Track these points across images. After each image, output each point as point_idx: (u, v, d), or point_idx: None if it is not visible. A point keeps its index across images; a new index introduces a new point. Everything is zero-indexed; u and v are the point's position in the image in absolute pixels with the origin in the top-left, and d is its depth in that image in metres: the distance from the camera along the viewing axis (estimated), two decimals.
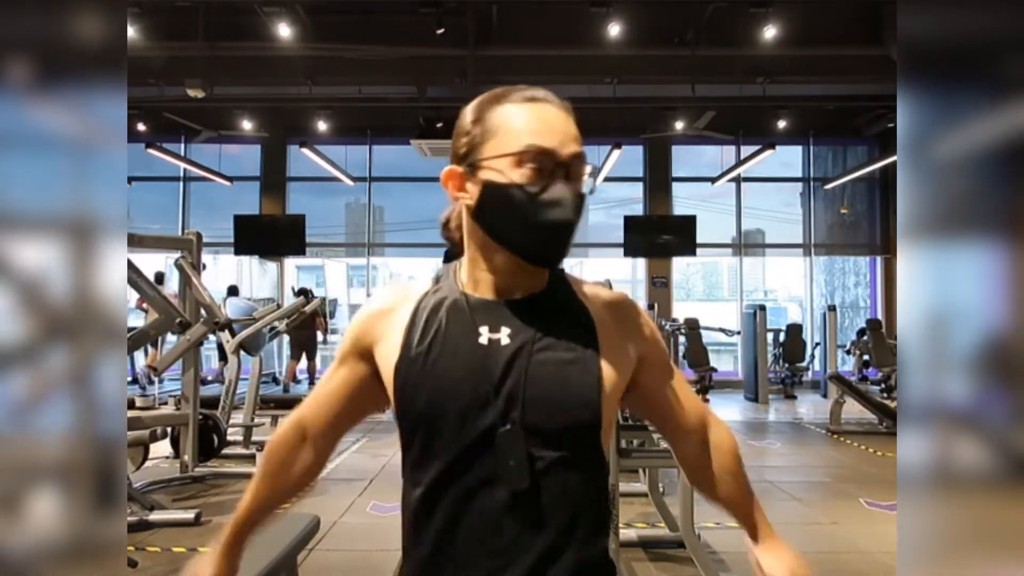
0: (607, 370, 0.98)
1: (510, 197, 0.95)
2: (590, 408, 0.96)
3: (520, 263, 0.99)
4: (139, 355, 9.44)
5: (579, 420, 0.96)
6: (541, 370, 0.96)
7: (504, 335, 0.98)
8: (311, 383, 9.97)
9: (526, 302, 1.01)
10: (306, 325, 8.97)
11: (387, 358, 1.01)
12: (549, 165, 0.95)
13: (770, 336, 10.47)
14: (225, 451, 5.41)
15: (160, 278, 8.37)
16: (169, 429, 5.06)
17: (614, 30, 7.87)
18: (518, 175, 0.95)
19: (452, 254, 1.12)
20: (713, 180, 11.11)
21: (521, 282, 1.01)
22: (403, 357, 0.99)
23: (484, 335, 0.98)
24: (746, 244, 12.06)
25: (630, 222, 11.04)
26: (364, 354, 1.06)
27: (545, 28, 8.64)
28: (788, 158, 11.95)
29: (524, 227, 0.95)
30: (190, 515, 4.08)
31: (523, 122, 0.96)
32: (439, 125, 8.47)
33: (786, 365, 10.62)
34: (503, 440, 0.93)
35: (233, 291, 10.04)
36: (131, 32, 7.78)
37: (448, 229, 1.11)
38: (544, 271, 1.03)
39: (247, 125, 10.56)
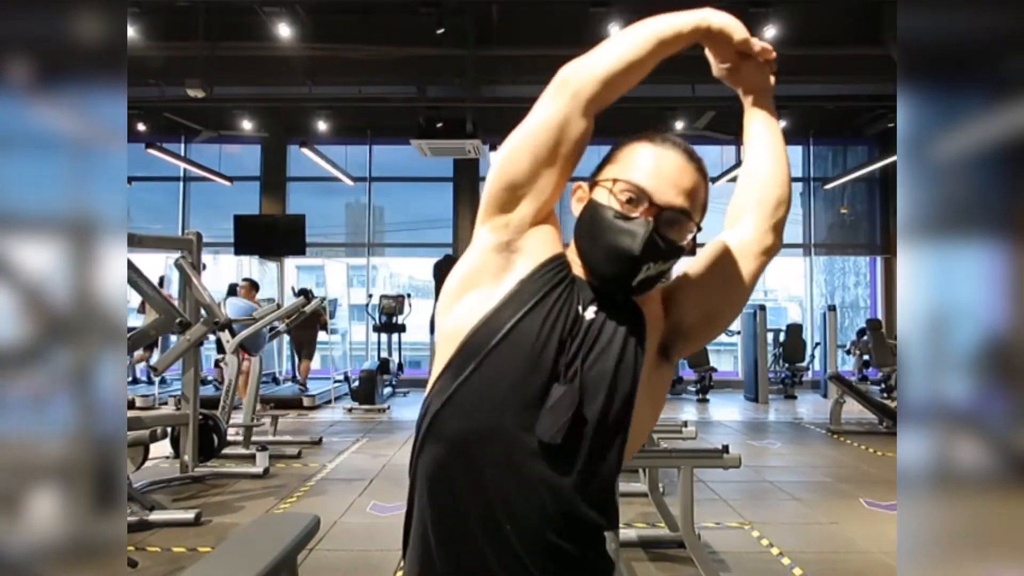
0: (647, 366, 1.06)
1: (595, 214, 1.05)
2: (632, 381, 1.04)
3: (586, 272, 1.08)
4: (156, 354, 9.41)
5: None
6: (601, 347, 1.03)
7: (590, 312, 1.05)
8: (303, 385, 9.93)
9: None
10: (307, 325, 8.96)
11: (512, 266, 1.06)
12: (643, 203, 1.03)
13: (770, 336, 10.47)
14: (225, 451, 5.41)
15: (162, 282, 8.36)
16: (169, 429, 5.06)
17: (614, 30, 7.88)
18: (615, 200, 1.04)
19: (451, 256, 1.13)
20: (713, 180, 11.07)
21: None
22: (517, 290, 1.04)
23: (582, 308, 1.05)
24: None
25: None
26: (520, 230, 1.07)
27: (545, 28, 8.64)
28: (788, 158, 11.93)
29: (596, 243, 1.05)
30: (190, 515, 4.08)
31: (642, 160, 1.06)
32: (439, 125, 8.47)
33: (786, 365, 10.62)
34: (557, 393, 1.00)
35: (233, 291, 10.04)
36: (131, 32, 7.78)
37: None
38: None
39: (247, 125, 10.56)
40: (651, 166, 1.04)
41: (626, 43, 1.04)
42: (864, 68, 8.76)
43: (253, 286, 9.15)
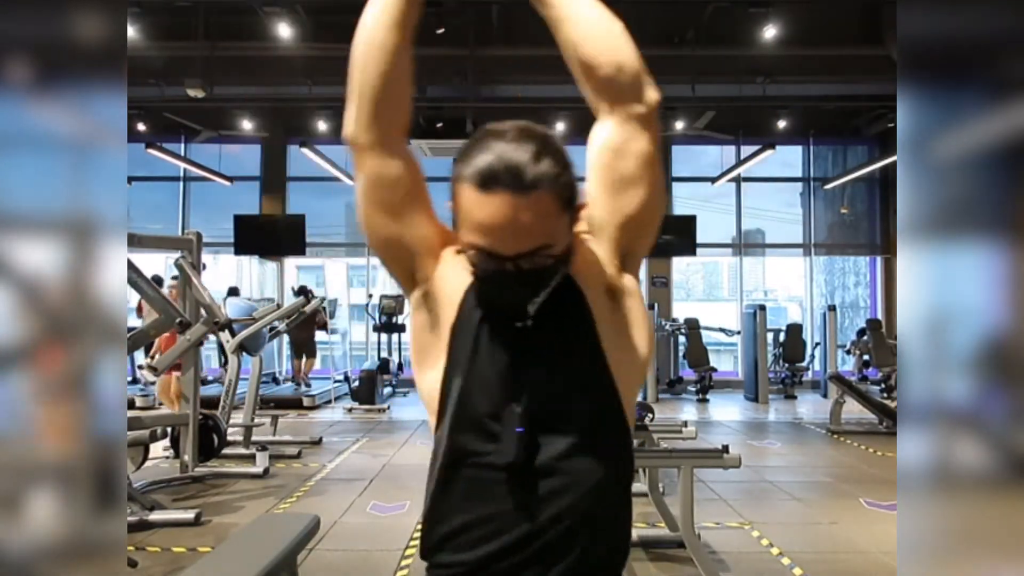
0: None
1: (472, 264, 0.99)
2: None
3: None
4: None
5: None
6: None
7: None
8: (306, 384, 9.95)
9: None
10: (307, 325, 8.96)
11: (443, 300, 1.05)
12: (494, 264, 0.96)
13: (770, 336, 10.46)
14: (225, 451, 5.41)
15: (160, 281, 8.33)
16: (169, 429, 5.06)
17: None
18: (472, 256, 0.97)
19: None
20: (713, 180, 11.11)
21: None
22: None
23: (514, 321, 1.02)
24: (746, 244, 12.06)
25: None
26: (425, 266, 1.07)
27: (545, 28, 8.59)
28: (788, 158, 11.94)
29: (479, 292, 1.02)
30: (190, 515, 4.08)
31: (473, 215, 0.94)
32: (439, 125, 8.47)
33: (786, 365, 10.62)
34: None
35: (234, 292, 10.04)
36: (131, 32, 7.78)
37: None
38: None
39: (247, 125, 10.56)
40: (482, 223, 0.93)
41: (364, 48, 1.01)
42: (864, 68, 8.76)
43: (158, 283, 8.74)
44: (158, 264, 9.28)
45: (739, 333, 10.68)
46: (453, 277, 1.04)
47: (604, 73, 1.00)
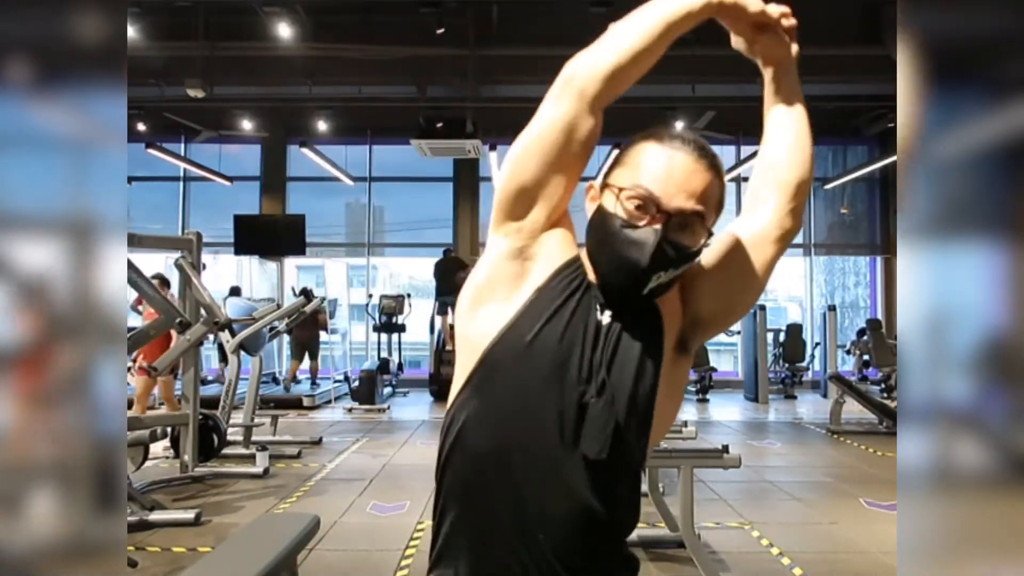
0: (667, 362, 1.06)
1: (603, 222, 1.03)
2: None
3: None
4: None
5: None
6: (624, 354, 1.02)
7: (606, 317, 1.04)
8: (313, 383, 9.96)
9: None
10: (308, 325, 8.96)
11: (530, 271, 1.05)
12: (652, 210, 0.99)
13: (770, 336, 10.47)
14: (225, 451, 5.41)
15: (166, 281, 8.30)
16: (169, 429, 5.06)
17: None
18: (622, 208, 1.01)
19: (450, 250, 1.13)
20: None
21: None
22: (535, 298, 1.03)
23: (598, 313, 1.04)
24: None
25: None
26: (533, 235, 1.06)
27: (545, 28, 8.64)
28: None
29: (604, 254, 1.03)
30: (190, 515, 4.08)
31: (649, 162, 1.01)
32: (439, 125, 8.47)
33: (786, 365, 10.63)
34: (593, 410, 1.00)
35: (236, 291, 10.04)
36: (131, 32, 7.78)
37: None
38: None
39: (247, 125, 10.56)
40: (659, 169, 1.00)
41: (632, 32, 1.00)
42: (864, 68, 8.75)
43: (164, 283, 8.38)
44: (158, 264, 9.28)
45: (739, 333, 10.68)
46: (557, 248, 1.06)
47: (791, 183, 1.11)
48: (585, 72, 1.01)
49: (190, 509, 4.18)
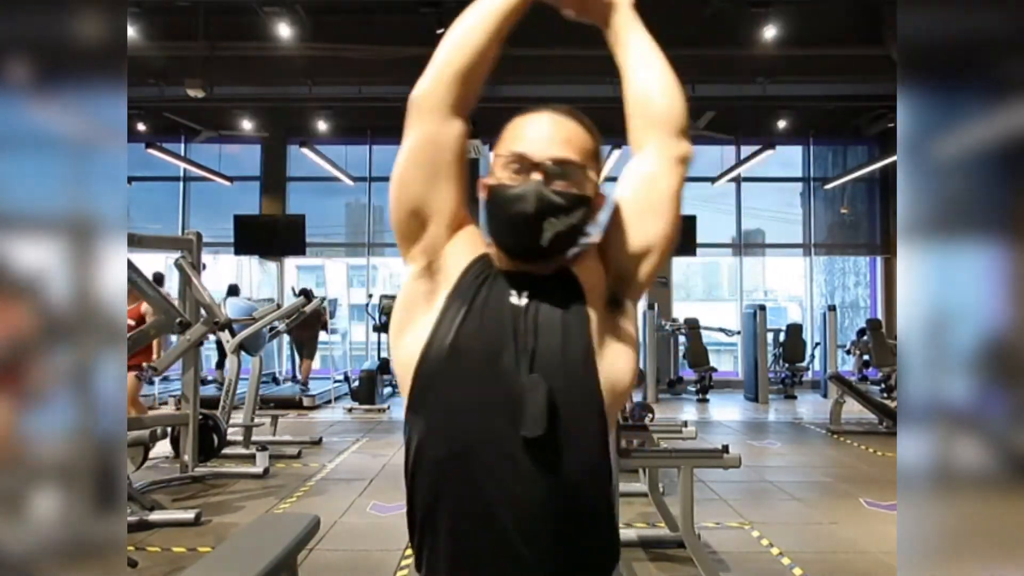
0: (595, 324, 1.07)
1: (491, 196, 1.06)
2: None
3: (508, 258, 1.08)
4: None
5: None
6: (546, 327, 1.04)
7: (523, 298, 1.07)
8: (303, 384, 9.91)
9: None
10: (308, 325, 8.95)
11: (444, 272, 1.08)
12: (526, 167, 1.03)
13: (770, 336, 10.47)
14: (225, 451, 5.41)
15: (160, 279, 8.33)
16: (169, 429, 5.06)
17: None
18: (505, 178, 1.05)
19: None
20: (713, 180, 11.11)
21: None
22: (452, 296, 1.06)
23: (513, 297, 1.06)
24: (746, 244, 12.06)
25: None
26: (436, 244, 1.09)
27: (545, 28, 8.63)
28: (788, 158, 11.94)
29: (498, 222, 1.06)
30: (190, 515, 4.08)
31: (518, 130, 1.07)
32: None
33: (786, 365, 10.62)
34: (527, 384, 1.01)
35: (233, 291, 10.03)
36: (131, 32, 7.78)
37: None
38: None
39: (247, 125, 10.57)
40: (525, 130, 1.06)
41: (463, 32, 1.07)
42: (864, 68, 8.75)
43: (158, 281, 7.87)
44: (158, 264, 9.28)
45: (739, 333, 10.68)
46: (462, 253, 1.09)
47: (659, 113, 1.12)
48: (427, 89, 1.07)
49: (190, 509, 4.18)
